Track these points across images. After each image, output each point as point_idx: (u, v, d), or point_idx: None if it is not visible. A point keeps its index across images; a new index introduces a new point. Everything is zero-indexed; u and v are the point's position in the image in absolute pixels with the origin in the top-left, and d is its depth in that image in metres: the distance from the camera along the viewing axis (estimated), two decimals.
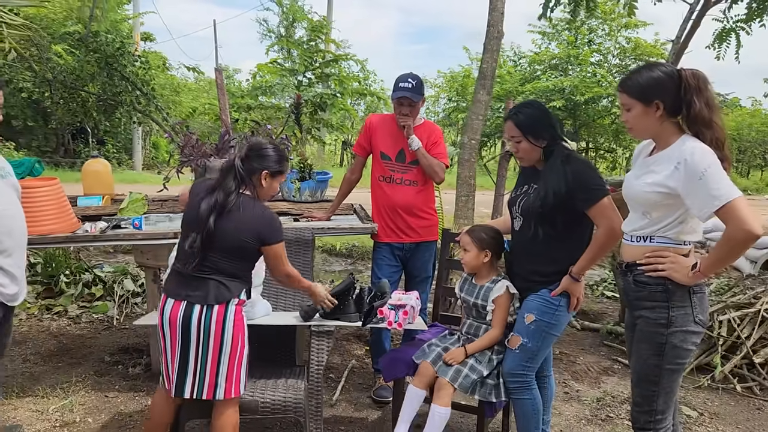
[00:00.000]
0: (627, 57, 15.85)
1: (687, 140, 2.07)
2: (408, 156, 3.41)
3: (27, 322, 4.57)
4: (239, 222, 2.38)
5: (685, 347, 2.13)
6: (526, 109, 2.61)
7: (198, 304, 2.37)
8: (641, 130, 2.17)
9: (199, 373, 2.40)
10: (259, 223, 2.41)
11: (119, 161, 17.82)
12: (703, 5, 4.32)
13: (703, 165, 1.96)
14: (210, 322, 2.36)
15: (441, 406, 2.59)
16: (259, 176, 2.46)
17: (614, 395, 3.67)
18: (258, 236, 2.40)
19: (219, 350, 2.39)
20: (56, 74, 7.58)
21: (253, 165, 2.44)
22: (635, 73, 2.15)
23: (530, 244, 2.60)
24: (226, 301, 2.39)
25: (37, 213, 3.16)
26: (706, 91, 2.06)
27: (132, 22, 14.72)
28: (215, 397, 2.43)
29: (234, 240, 2.39)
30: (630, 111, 2.14)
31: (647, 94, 2.09)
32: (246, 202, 2.42)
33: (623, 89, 2.15)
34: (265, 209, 2.47)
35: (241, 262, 2.45)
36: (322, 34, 8.93)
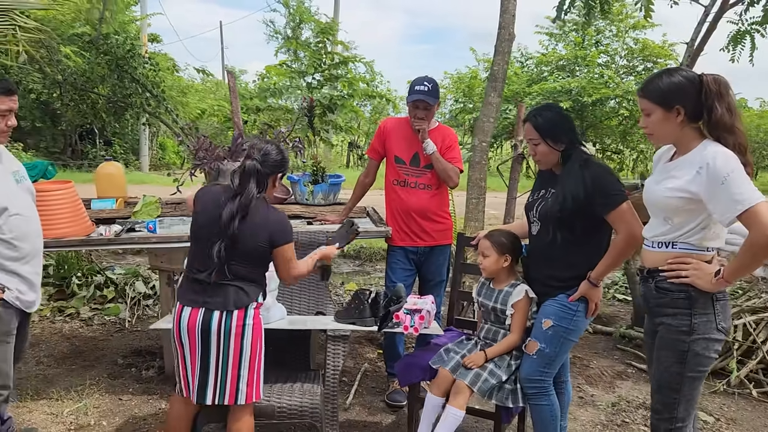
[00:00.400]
0: (635, 58, 15.77)
1: (709, 145, 2.04)
2: (422, 160, 3.40)
3: (39, 324, 4.58)
4: (254, 226, 2.38)
5: (708, 355, 2.11)
6: (545, 112, 2.60)
7: (217, 310, 2.36)
8: (661, 135, 2.15)
9: (220, 379, 2.40)
10: (272, 225, 2.42)
11: (126, 162, 17.86)
12: (720, 8, 4.29)
13: (726, 169, 1.94)
14: (230, 327, 2.36)
15: (456, 408, 2.58)
16: (273, 179, 2.50)
17: (629, 400, 3.65)
18: (270, 238, 2.41)
19: (240, 355, 2.39)
20: (67, 76, 7.59)
21: (268, 169, 2.45)
22: (656, 78, 2.12)
23: (548, 248, 2.58)
24: (245, 306, 2.40)
25: (52, 216, 3.17)
26: (728, 96, 2.04)
27: (139, 24, 14.77)
28: (236, 402, 2.42)
29: (250, 244, 2.39)
30: (650, 116, 2.12)
31: (668, 100, 2.06)
32: (261, 205, 2.43)
33: (644, 94, 2.12)
34: (276, 211, 2.50)
35: (257, 266, 2.47)
36: (331, 36, 8.93)
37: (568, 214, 2.47)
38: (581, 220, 2.49)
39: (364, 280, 6.67)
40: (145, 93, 7.68)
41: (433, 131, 3.45)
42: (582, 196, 2.44)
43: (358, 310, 2.90)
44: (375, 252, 7.62)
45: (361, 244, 7.71)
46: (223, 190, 2.44)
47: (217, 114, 11.71)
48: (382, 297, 2.93)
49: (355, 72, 9.80)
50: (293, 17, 13.20)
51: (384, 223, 3.62)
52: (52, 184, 3.45)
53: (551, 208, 2.53)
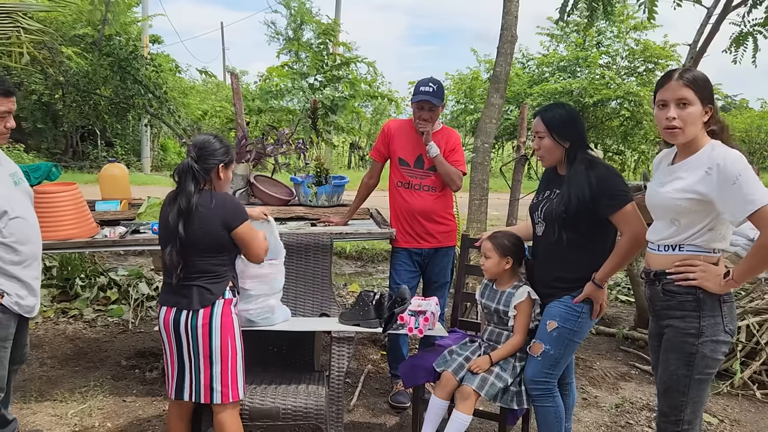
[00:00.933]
0: (636, 59, 15.78)
1: (717, 146, 2.04)
2: (427, 162, 3.40)
3: (43, 326, 4.58)
4: (204, 219, 2.41)
5: (715, 357, 2.10)
6: (556, 108, 2.62)
7: (185, 309, 2.42)
8: (690, 131, 2.05)
9: (194, 377, 2.45)
10: (222, 210, 2.43)
11: (128, 163, 17.86)
12: (722, 10, 4.29)
13: (737, 169, 1.94)
14: (196, 326, 2.40)
15: (464, 413, 2.58)
16: (216, 171, 2.50)
17: (633, 401, 3.65)
18: (224, 223, 2.43)
19: (210, 354, 2.42)
20: (69, 77, 7.61)
21: (207, 163, 2.48)
22: (692, 70, 2.08)
23: (554, 249, 2.58)
24: (211, 304, 2.43)
25: (57, 218, 3.18)
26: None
27: (141, 25, 14.78)
28: (212, 401, 2.45)
29: (207, 238, 2.41)
30: (687, 108, 2.02)
31: (708, 95, 2.04)
32: (205, 197, 2.44)
33: (688, 82, 2.02)
34: (221, 196, 2.49)
35: (220, 257, 2.47)
36: (332, 37, 8.95)
37: (573, 214, 2.48)
38: (586, 220, 2.49)
39: (366, 281, 6.67)
40: (148, 94, 7.71)
41: (437, 133, 3.45)
42: (587, 197, 2.44)
43: (362, 312, 2.90)
44: (377, 253, 7.62)
45: (364, 246, 7.71)
46: (174, 194, 2.49)
47: (218, 115, 11.71)
48: (386, 299, 2.93)
49: (357, 73, 9.81)
50: (294, 18, 13.23)
51: (388, 224, 3.62)
52: (56, 185, 3.45)
53: (556, 209, 2.53)
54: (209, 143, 2.52)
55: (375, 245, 7.66)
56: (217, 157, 2.50)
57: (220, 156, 2.50)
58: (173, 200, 2.45)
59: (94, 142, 18.10)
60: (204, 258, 2.43)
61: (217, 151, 2.50)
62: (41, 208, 3.11)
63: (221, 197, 2.47)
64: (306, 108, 6.79)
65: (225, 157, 2.53)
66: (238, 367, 2.48)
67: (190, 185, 2.42)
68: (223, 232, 2.43)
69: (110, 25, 7.41)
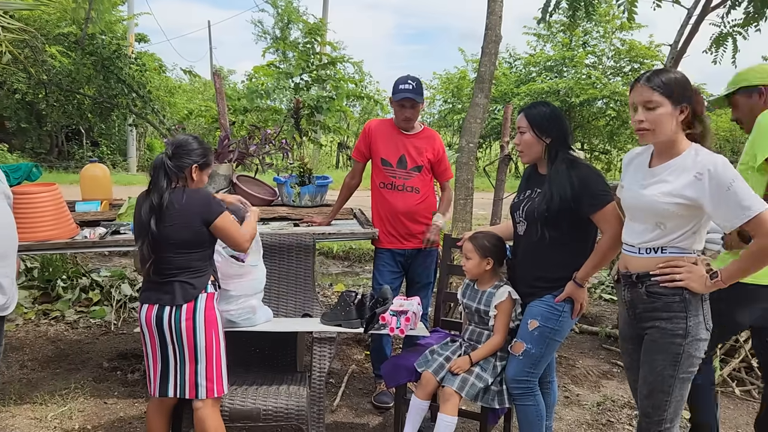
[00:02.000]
0: (622, 59, 15.91)
1: (700, 150, 2.03)
2: (409, 162, 3.41)
3: (24, 328, 4.54)
4: (179, 215, 2.41)
5: (698, 355, 2.12)
6: (540, 105, 2.64)
7: (167, 305, 2.42)
8: (662, 132, 2.04)
9: (179, 372, 2.46)
10: (196, 205, 2.44)
11: (114, 163, 17.72)
12: (702, 10, 4.33)
13: (729, 176, 1.94)
14: (180, 321, 2.41)
15: (448, 415, 2.59)
16: (189, 171, 2.50)
17: (614, 399, 3.67)
18: (202, 218, 2.43)
19: (195, 349, 2.43)
20: (52, 76, 7.53)
21: (182, 161, 2.47)
22: (663, 72, 2.07)
23: (534, 248, 2.60)
24: (194, 298, 2.44)
25: (36, 219, 3.15)
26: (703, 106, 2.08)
27: (126, 23, 14.67)
28: (197, 396, 2.46)
29: (182, 233, 2.42)
30: (654, 110, 2.03)
31: (679, 96, 2.02)
32: (177, 195, 2.44)
33: (653, 86, 2.02)
34: (195, 191, 2.50)
35: (199, 252, 2.47)
36: (319, 36, 8.91)
37: (555, 213, 2.49)
38: (567, 219, 2.50)
39: (353, 281, 6.67)
40: (132, 93, 7.65)
41: (419, 134, 3.47)
42: (569, 196, 2.46)
43: (344, 312, 2.91)
44: (364, 253, 7.62)
45: (351, 245, 7.71)
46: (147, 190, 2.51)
47: (204, 115, 11.63)
48: (368, 299, 2.94)
49: (345, 73, 9.80)
50: (281, 17, 13.19)
51: (371, 224, 3.61)
52: (36, 186, 3.42)
53: (538, 207, 2.54)
54: (186, 143, 2.52)
55: (362, 245, 7.65)
56: (192, 158, 2.50)
57: (195, 156, 2.51)
58: (146, 196, 2.46)
59: (79, 141, 17.95)
60: (181, 254, 2.43)
61: (193, 152, 2.50)
62: (20, 209, 3.08)
63: (194, 193, 2.48)
64: (290, 108, 6.77)
65: (200, 159, 2.52)
66: (222, 361, 2.50)
67: (162, 181, 2.43)
68: (201, 227, 2.44)
69: (94, 23, 7.34)
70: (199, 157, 2.52)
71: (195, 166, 2.50)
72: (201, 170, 2.55)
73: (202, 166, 2.54)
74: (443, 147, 3.55)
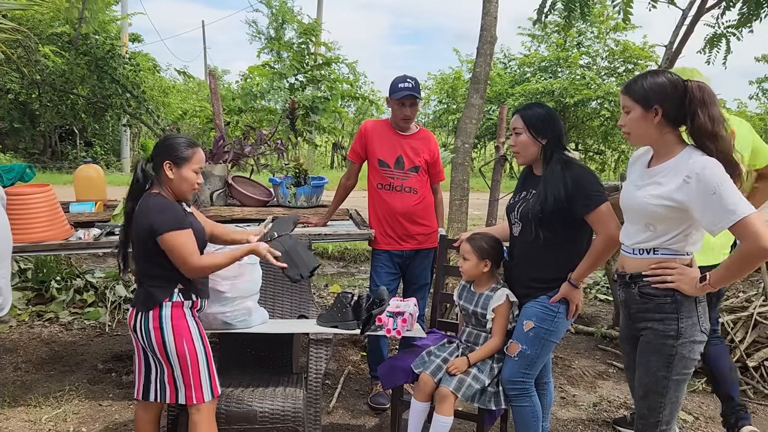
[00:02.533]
0: (616, 60, 15.95)
1: (693, 153, 2.03)
2: (407, 163, 3.41)
3: (17, 329, 4.51)
4: (138, 218, 2.37)
5: (692, 357, 2.12)
6: (535, 106, 2.64)
7: (139, 311, 2.39)
8: (638, 135, 2.14)
9: (159, 376, 2.43)
10: (147, 215, 2.32)
11: (107, 163, 17.66)
12: (697, 11, 4.35)
13: (716, 179, 1.93)
14: (148, 327, 2.36)
15: (444, 416, 2.58)
16: (162, 170, 2.38)
17: (610, 400, 3.68)
18: (150, 227, 2.30)
19: (166, 355, 2.37)
20: (45, 76, 7.50)
21: (156, 160, 2.39)
22: (640, 77, 2.12)
23: (529, 249, 2.60)
24: (157, 305, 2.36)
25: (30, 220, 3.13)
26: (712, 104, 2.03)
27: (120, 23, 14.61)
28: (177, 402, 2.43)
29: (136, 240, 2.39)
30: (629, 114, 2.12)
31: (648, 99, 2.06)
32: (144, 200, 2.37)
33: (626, 91, 2.13)
34: (154, 200, 2.35)
35: (152, 260, 2.36)
36: (313, 37, 8.91)
37: (549, 213, 2.49)
38: (562, 220, 2.50)
39: (348, 282, 6.66)
40: (126, 93, 7.62)
41: (415, 135, 3.47)
42: (563, 196, 2.46)
43: (340, 314, 2.90)
44: (359, 253, 7.61)
45: (346, 246, 7.70)
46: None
47: (199, 115, 11.61)
48: (364, 300, 2.93)
49: (339, 73, 9.79)
50: (276, 17, 13.18)
51: (367, 225, 3.61)
52: (29, 187, 3.40)
53: (533, 208, 2.55)
54: (162, 140, 2.45)
55: (357, 246, 7.65)
56: (165, 154, 2.37)
57: (168, 152, 2.37)
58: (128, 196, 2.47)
59: (73, 142, 17.88)
60: (143, 261, 2.40)
61: (167, 147, 2.39)
62: (14, 210, 3.06)
63: (157, 201, 2.35)
64: (286, 108, 6.76)
65: (173, 153, 2.37)
66: (201, 369, 2.40)
67: (134, 186, 2.42)
68: (149, 234, 2.31)
69: (88, 23, 7.32)
70: (173, 151, 2.37)
71: (168, 163, 2.37)
72: (178, 166, 2.38)
73: (178, 162, 2.37)
74: (438, 148, 3.56)
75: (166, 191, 2.41)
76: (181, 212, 2.39)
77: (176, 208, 2.38)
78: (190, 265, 2.33)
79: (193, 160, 2.41)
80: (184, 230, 2.33)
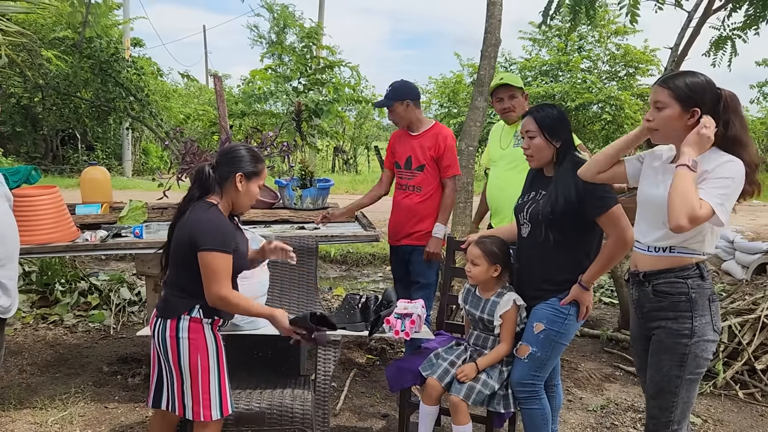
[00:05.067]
0: (617, 63, 15.97)
1: (720, 152, 2.01)
2: (414, 162, 3.48)
3: (22, 332, 4.50)
4: (183, 225, 2.29)
5: (705, 356, 2.11)
6: (548, 108, 2.61)
7: (159, 317, 2.32)
8: (667, 134, 2.07)
9: (170, 387, 2.35)
10: (196, 225, 2.24)
11: (109, 167, 17.65)
12: (703, 13, 4.35)
13: (736, 172, 1.94)
14: (165, 336, 2.28)
15: (462, 426, 2.59)
16: (233, 180, 2.32)
17: (618, 403, 3.66)
18: (190, 238, 2.23)
19: (179, 366, 2.29)
20: (48, 80, 7.51)
21: (225, 170, 2.32)
22: (681, 75, 2.07)
23: (539, 250, 2.58)
24: (176, 317, 2.29)
25: (37, 222, 3.13)
26: (740, 111, 2.03)
27: (122, 28, 14.63)
28: (185, 416, 2.34)
29: (177, 244, 2.30)
30: (663, 110, 2.04)
31: (690, 99, 2.01)
32: (198, 207, 2.29)
33: (667, 86, 2.04)
34: (210, 213, 2.28)
35: (185, 270, 2.29)
36: (316, 40, 8.93)
37: (560, 215, 2.48)
38: (572, 221, 2.49)
39: (351, 285, 6.65)
40: (129, 97, 7.62)
41: (426, 134, 3.53)
42: (574, 198, 2.45)
43: (348, 315, 2.89)
44: (362, 257, 7.61)
45: (348, 249, 7.69)
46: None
47: (201, 118, 11.63)
48: (372, 301, 2.92)
49: (341, 77, 9.80)
50: (277, 22, 13.22)
51: (373, 227, 3.66)
52: (36, 189, 3.40)
53: (543, 210, 2.53)
54: (233, 150, 2.35)
55: (360, 249, 7.64)
56: (238, 166, 2.31)
57: (242, 164, 2.32)
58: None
59: (74, 146, 17.89)
60: (174, 269, 2.34)
61: (241, 159, 2.32)
62: (20, 212, 3.06)
63: (209, 215, 2.27)
64: (290, 111, 6.77)
65: (248, 167, 2.33)
66: (212, 386, 2.31)
67: (194, 191, 2.32)
68: (188, 246, 2.24)
69: (91, 27, 7.32)
70: (247, 164, 2.32)
71: (240, 175, 2.31)
72: (248, 180, 2.34)
73: (249, 176, 2.33)
74: (447, 142, 3.49)
75: (225, 203, 2.35)
76: (231, 234, 2.31)
77: (228, 228, 2.31)
78: (215, 291, 2.24)
79: (262, 175, 2.39)
80: (226, 254, 2.25)
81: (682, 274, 2.10)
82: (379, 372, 3.99)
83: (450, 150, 3.49)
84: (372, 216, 4.11)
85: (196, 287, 2.27)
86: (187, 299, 2.30)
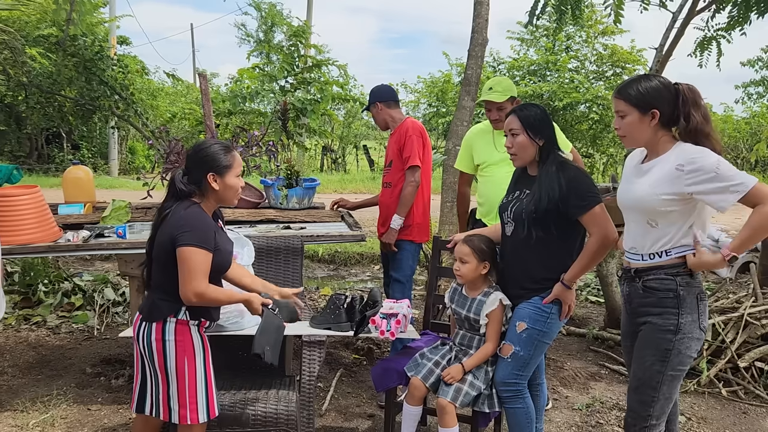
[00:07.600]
0: (604, 63, 16.05)
1: (684, 145, 2.09)
2: (386, 159, 3.69)
3: (4, 333, 4.45)
4: (165, 225, 2.25)
5: (689, 354, 2.14)
6: (531, 107, 2.62)
7: (144, 320, 2.29)
8: (634, 138, 2.18)
9: (154, 391, 2.31)
10: (176, 223, 2.22)
11: (95, 166, 17.50)
12: (687, 14, 4.38)
13: (712, 162, 1.99)
14: (151, 338, 2.25)
15: (449, 428, 2.58)
16: (207, 181, 2.26)
17: (603, 401, 3.68)
18: (170, 237, 2.21)
19: (165, 371, 2.26)
20: (32, 78, 7.43)
21: (196, 173, 2.26)
22: (634, 82, 2.16)
23: (522, 249, 2.58)
24: (161, 320, 2.26)
25: (18, 222, 3.09)
26: (702, 103, 2.10)
27: (108, 25, 14.51)
28: (170, 420, 2.30)
29: (158, 245, 2.26)
30: (624, 118, 2.15)
31: (645, 103, 2.11)
32: (179, 206, 2.26)
33: (621, 96, 2.16)
34: (189, 210, 2.24)
35: (169, 274, 2.25)
36: (303, 39, 8.89)
37: (543, 213, 2.48)
38: (555, 220, 2.50)
39: (338, 285, 6.64)
40: (114, 95, 7.55)
41: (395, 131, 3.62)
42: (557, 197, 2.45)
43: (333, 315, 2.87)
44: (349, 256, 7.60)
45: (336, 249, 7.67)
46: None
47: (188, 117, 11.55)
48: (357, 301, 2.91)
49: (329, 76, 9.77)
50: (265, 20, 13.15)
51: (359, 227, 3.66)
52: (17, 188, 3.35)
53: (527, 208, 2.54)
54: (199, 151, 2.30)
55: (348, 248, 7.63)
56: (207, 165, 2.25)
57: (210, 163, 2.25)
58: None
59: (59, 144, 17.71)
60: (159, 270, 2.30)
61: (207, 158, 2.26)
62: (1, 212, 3.02)
63: (188, 212, 2.24)
64: (277, 110, 6.74)
65: (216, 164, 2.25)
66: (199, 389, 2.29)
67: (169, 201, 2.29)
68: (169, 242, 2.21)
69: (75, 25, 7.26)
70: (214, 161, 2.25)
71: (212, 175, 2.26)
72: (222, 176, 2.27)
73: (220, 172, 2.27)
74: (408, 133, 3.48)
75: (208, 202, 2.32)
76: (211, 231, 2.27)
77: (208, 226, 2.27)
78: (191, 286, 2.19)
79: (234, 165, 2.32)
80: (204, 251, 2.21)
81: (671, 271, 2.14)
82: (365, 372, 3.98)
83: (410, 141, 3.45)
84: (358, 215, 4.10)
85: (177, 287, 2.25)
86: (173, 302, 2.26)
